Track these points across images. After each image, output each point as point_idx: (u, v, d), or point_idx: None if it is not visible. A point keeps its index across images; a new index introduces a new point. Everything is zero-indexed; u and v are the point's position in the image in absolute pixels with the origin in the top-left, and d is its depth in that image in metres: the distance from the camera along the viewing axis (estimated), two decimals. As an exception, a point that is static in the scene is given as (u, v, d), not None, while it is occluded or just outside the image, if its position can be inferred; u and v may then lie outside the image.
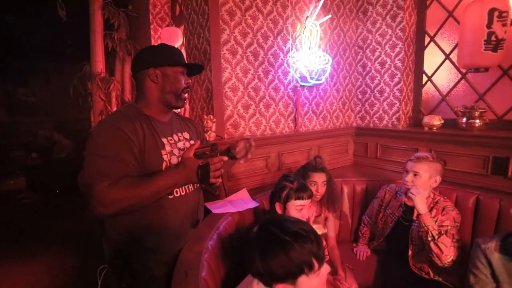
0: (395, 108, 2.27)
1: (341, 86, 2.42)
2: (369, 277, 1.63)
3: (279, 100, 2.00)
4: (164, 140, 1.11)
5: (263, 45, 1.87)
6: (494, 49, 1.53)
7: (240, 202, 1.55)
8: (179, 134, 1.19)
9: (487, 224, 1.53)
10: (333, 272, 1.58)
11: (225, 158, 1.05)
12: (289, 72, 2.01)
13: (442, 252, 1.31)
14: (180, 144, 1.16)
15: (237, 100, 1.82)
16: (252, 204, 1.53)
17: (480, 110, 1.83)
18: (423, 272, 1.49)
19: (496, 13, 1.49)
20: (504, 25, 1.51)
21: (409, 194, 1.43)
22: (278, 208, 1.34)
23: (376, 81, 2.38)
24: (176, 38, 2.43)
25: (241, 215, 1.46)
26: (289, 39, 1.99)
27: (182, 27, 2.48)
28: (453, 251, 1.34)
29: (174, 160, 1.11)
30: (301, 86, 2.08)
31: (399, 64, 2.21)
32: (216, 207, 1.44)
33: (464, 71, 2.01)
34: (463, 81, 2.05)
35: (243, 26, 1.78)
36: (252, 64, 1.84)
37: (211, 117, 1.70)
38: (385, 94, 2.32)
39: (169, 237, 1.11)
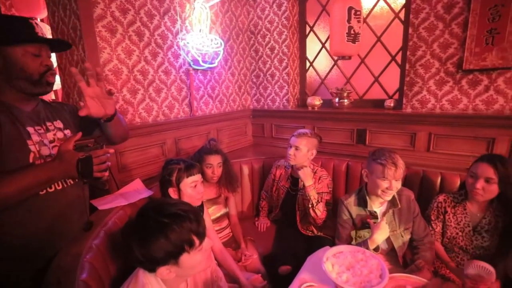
0: (284, 91, 2.49)
1: (236, 70, 2.49)
2: (269, 244, 1.79)
3: (171, 84, 1.92)
4: (30, 129, 0.96)
5: (148, 25, 1.73)
6: (353, 41, 1.82)
7: (133, 193, 1.45)
8: (49, 124, 1.04)
9: (354, 183, 1.89)
10: (237, 247, 1.68)
11: (112, 151, 0.99)
12: (180, 55, 1.94)
13: (318, 216, 1.61)
14: (49, 135, 1.01)
15: (122, 84, 1.64)
16: (146, 193, 1.45)
17: (347, 92, 2.20)
18: (309, 232, 1.74)
19: (353, 11, 1.77)
20: (359, 21, 1.80)
21: (296, 170, 1.62)
22: (173, 193, 1.31)
23: (267, 66, 2.54)
24: (37, 9, 1.99)
25: (135, 206, 1.37)
26: (177, 20, 1.89)
27: (47, -4, 2.05)
28: (325, 214, 1.66)
29: (46, 151, 0.97)
30: (194, 69, 2.03)
31: (286, 50, 2.41)
32: (104, 203, 1.31)
33: (336, 58, 2.35)
34: (336, 66, 2.41)
35: (122, 1, 1.59)
36: (137, 45, 1.69)
37: (91, 103, 1.49)
38: (276, 78, 2.51)
39: (42, 240, 0.97)
